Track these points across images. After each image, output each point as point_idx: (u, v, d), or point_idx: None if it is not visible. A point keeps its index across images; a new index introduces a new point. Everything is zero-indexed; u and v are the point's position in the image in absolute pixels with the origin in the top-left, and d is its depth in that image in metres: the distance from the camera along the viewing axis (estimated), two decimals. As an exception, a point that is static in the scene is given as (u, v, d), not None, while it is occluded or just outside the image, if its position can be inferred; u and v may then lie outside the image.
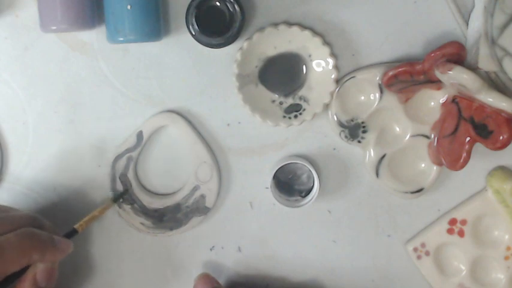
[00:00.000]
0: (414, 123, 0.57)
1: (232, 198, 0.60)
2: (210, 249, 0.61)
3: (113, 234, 0.60)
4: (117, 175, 0.59)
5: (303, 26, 0.56)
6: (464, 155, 0.54)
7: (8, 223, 0.51)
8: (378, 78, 0.56)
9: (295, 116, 0.57)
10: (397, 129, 0.58)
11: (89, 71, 0.58)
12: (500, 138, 0.52)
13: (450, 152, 0.55)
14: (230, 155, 0.59)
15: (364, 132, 0.58)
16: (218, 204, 0.60)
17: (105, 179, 0.59)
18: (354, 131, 0.58)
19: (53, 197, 0.60)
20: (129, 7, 0.53)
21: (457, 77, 0.52)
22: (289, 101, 0.58)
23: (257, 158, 0.59)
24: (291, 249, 0.60)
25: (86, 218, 0.57)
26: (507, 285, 0.59)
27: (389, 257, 0.61)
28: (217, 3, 0.54)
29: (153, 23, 0.54)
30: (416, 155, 0.58)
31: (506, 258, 0.59)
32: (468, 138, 0.54)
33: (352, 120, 0.58)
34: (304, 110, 0.57)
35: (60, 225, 0.60)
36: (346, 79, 0.57)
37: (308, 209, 0.58)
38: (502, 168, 0.59)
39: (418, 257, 0.60)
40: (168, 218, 0.59)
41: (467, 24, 0.56)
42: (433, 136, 0.57)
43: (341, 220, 0.60)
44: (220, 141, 0.59)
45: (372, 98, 0.57)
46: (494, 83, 0.56)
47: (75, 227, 0.56)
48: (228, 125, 0.59)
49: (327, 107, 0.57)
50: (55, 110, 0.59)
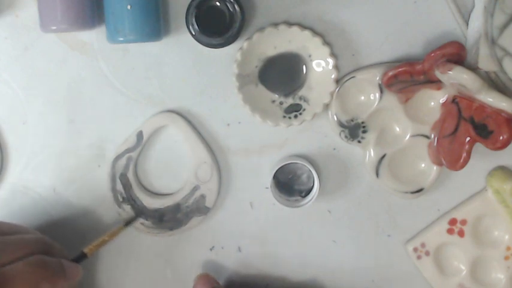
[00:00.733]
0: (414, 123, 0.57)
1: (232, 198, 0.60)
2: (210, 249, 0.61)
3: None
4: (117, 175, 0.59)
5: (303, 26, 0.56)
6: (464, 155, 0.54)
7: (18, 248, 0.50)
8: (378, 78, 0.56)
9: (295, 116, 0.57)
10: (397, 129, 0.58)
11: (89, 71, 0.58)
12: (500, 138, 0.52)
13: (450, 152, 0.55)
14: (230, 155, 0.59)
15: (364, 132, 0.58)
16: (218, 204, 0.60)
17: (105, 179, 0.59)
18: (354, 131, 0.58)
19: (52, 197, 0.60)
20: (129, 7, 0.53)
21: (457, 77, 0.52)
22: (289, 101, 0.58)
23: (257, 158, 0.59)
24: (291, 249, 0.60)
25: (95, 242, 0.57)
26: (507, 285, 0.59)
27: (389, 257, 0.61)
28: (217, 3, 0.54)
29: (153, 23, 0.54)
30: (416, 155, 0.58)
31: (506, 258, 0.59)
32: (468, 138, 0.54)
33: (352, 120, 0.58)
34: (304, 110, 0.57)
35: (60, 225, 0.60)
36: (346, 79, 0.57)
37: (308, 209, 0.58)
38: (502, 168, 0.59)
39: (418, 257, 0.60)
40: (168, 218, 0.59)
41: (467, 24, 0.56)
42: (433, 136, 0.57)
43: (341, 220, 0.60)
44: (220, 141, 0.59)
45: (372, 98, 0.57)
46: (494, 83, 0.56)
47: (85, 251, 0.56)
48: (228, 125, 0.59)
49: (327, 107, 0.57)
50: (55, 110, 0.59)
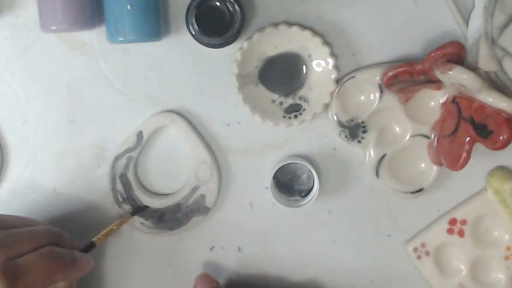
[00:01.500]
0: (414, 123, 0.57)
1: (232, 198, 0.60)
2: (210, 249, 0.61)
3: (112, 234, 0.60)
4: (117, 175, 0.59)
5: (303, 26, 0.56)
6: (464, 155, 0.54)
7: (30, 240, 0.50)
8: (378, 78, 0.56)
9: (295, 116, 0.57)
10: (397, 129, 0.58)
11: (89, 71, 0.58)
12: (500, 138, 0.52)
13: (450, 152, 0.55)
14: (230, 155, 0.59)
15: (364, 132, 0.58)
16: (218, 204, 0.60)
17: (105, 179, 0.59)
18: (354, 131, 0.58)
19: (53, 197, 0.60)
20: (129, 7, 0.53)
21: (457, 77, 0.52)
22: (289, 101, 0.58)
23: (257, 158, 0.59)
24: (291, 249, 0.60)
25: (104, 231, 0.57)
26: (507, 285, 0.59)
27: (389, 257, 0.61)
28: (217, 3, 0.54)
29: (153, 23, 0.54)
30: (416, 155, 0.58)
31: (506, 258, 0.59)
32: (468, 138, 0.54)
33: (352, 120, 0.58)
34: (304, 110, 0.57)
35: (60, 226, 0.60)
36: (346, 79, 0.57)
37: (308, 209, 0.58)
38: (502, 168, 0.59)
39: (418, 257, 0.60)
40: (168, 218, 0.59)
41: (467, 24, 0.56)
42: (433, 136, 0.57)
43: (341, 220, 0.60)
44: (220, 141, 0.59)
45: (372, 98, 0.57)
46: (494, 83, 0.56)
47: (93, 240, 0.56)
48: (228, 125, 0.59)
49: (327, 107, 0.57)
50: (55, 110, 0.59)
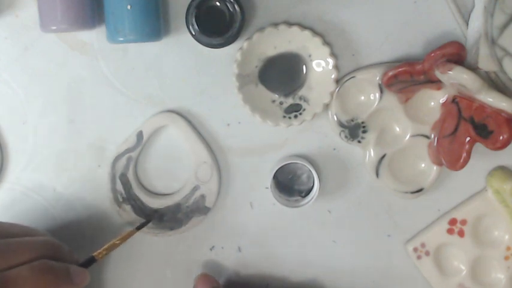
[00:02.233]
0: (414, 123, 0.57)
1: (232, 198, 0.60)
2: (210, 249, 0.61)
3: (113, 235, 0.60)
4: (117, 175, 0.59)
5: (303, 26, 0.56)
6: (464, 155, 0.54)
7: (24, 251, 0.48)
8: (378, 78, 0.56)
9: (295, 116, 0.57)
10: (397, 129, 0.58)
11: (89, 71, 0.58)
12: (500, 138, 0.52)
13: (450, 152, 0.55)
14: (230, 155, 0.59)
15: (364, 132, 0.58)
16: (218, 204, 0.60)
17: (105, 179, 0.59)
18: (354, 131, 0.58)
19: (53, 197, 0.60)
20: (129, 7, 0.53)
21: (457, 77, 0.52)
22: (289, 101, 0.58)
23: (257, 158, 0.59)
24: (291, 249, 0.60)
25: (106, 246, 0.55)
26: (507, 285, 0.59)
27: (389, 257, 0.61)
28: (217, 3, 0.54)
29: (153, 23, 0.54)
30: (416, 155, 0.58)
31: (506, 258, 0.59)
32: (468, 138, 0.54)
33: (352, 120, 0.58)
34: (304, 110, 0.57)
35: (60, 225, 0.60)
36: (346, 79, 0.57)
37: (308, 209, 0.58)
38: (502, 168, 0.59)
39: (418, 257, 0.60)
40: (168, 218, 0.59)
41: (467, 24, 0.56)
42: (433, 136, 0.57)
43: (341, 220, 0.60)
44: (220, 141, 0.59)
45: (372, 98, 0.57)
46: (494, 83, 0.56)
47: (94, 255, 0.54)
48: (228, 125, 0.59)
49: (327, 107, 0.57)
50: (55, 110, 0.59)
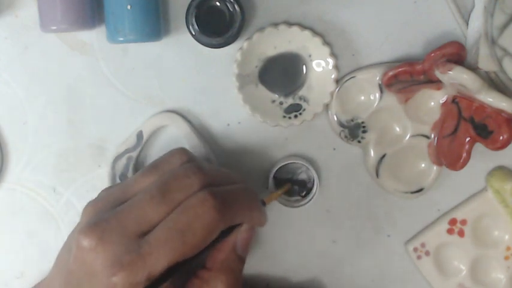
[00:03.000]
0: (414, 123, 0.57)
1: (232, 198, 0.60)
2: (210, 249, 0.61)
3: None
4: (117, 175, 0.59)
5: (303, 26, 0.56)
6: (464, 155, 0.54)
7: (226, 176, 0.48)
8: (378, 78, 0.56)
9: (295, 116, 0.57)
10: (397, 129, 0.58)
11: (89, 71, 0.58)
12: (500, 138, 0.52)
13: (450, 152, 0.55)
14: (230, 155, 0.59)
15: (364, 132, 0.58)
16: (218, 204, 0.60)
17: (105, 179, 0.59)
18: (354, 131, 0.58)
19: (53, 197, 0.60)
20: (129, 7, 0.53)
21: (457, 77, 0.52)
22: (289, 101, 0.58)
23: (257, 158, 0.59)
24: (291, 249, 0.60)
25: (272, 195, 0.55)
26: (507, 285, 0.59)
27: (389, 257, 0.61)
28: (217, 3, 0.54)
29: (153, 23, 0.54)
30: (416, 155, 0.58)
31: (506, 258, 0.59)
32: (468, 138, 0.54)
33: (352, 120, 0.58)
34: (304, 110, 0.57)
35: (60, 226, 0.60)
36: (346, 79, 0.57)
37: (308, 209, 0.58)
38: (502, 168, 0.59)
39: (418, 257, 0.60)
40: (168, 218, 0.59)
41: (467, 24, 0.56)
42: (433, 136, 0.57)
43: (341, 220, 0.60)
44: (220, 141, 0.59)
45: (372, 98, 0.57)
46: (494, 83, 0.56)
47: (264, 199, 0.53)
48: (228, 125, 0.59)
49: (327, 107, 0.57)
50: (55, 110, 0.59)
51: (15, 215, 0.60)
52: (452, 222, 0.59)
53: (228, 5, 0.54)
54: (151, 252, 0.42)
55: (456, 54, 0.53)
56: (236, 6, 0.54)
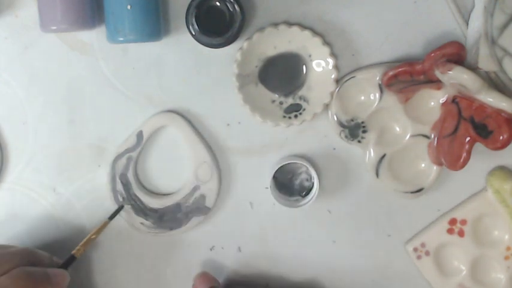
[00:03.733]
0: (414, 123, 0.57)
1: (232, 198, 0.60)
2: (210, 249, 0.61)
3: (113, 235, 0.60)
4: (117, 175, 0.59)
5: (303, 26, 0.56)
6: (464, 155, 0.54)
7: (2, 263, 0.50)
8: (378, 78, 0.56)
9: (295, 116, 0.57)
10: (397, 129, 0.58)
11: (89, 71, 0.58)
12: (500, 138, 0.52)
13: (450, 152, 0.55)
14: (230, 155, 0.59)
15: (364, 132, 0.58)
16: (218, 204, 0.60)
17: (105, 179, 0.59)
18: (354, 131, 0.58)
19: (53, 197, 0.60)
20: (129, 7, 0.53)
21: (457, 77, 0.52)
22: (289, 101, 0.58)
23: (257, 158, 0.59)
24: (291, 249, 0.60)
25: (82, 242, 0.56)
26: (507, 285, 0.59)
27: (389, 257, 0.61)
28: (217, 3, 0.54)
29: (153, 23, 0.54)
30: (416, 155, 0.58)
31: (506, 258, 0.59)
32: (468, 138, 0.54)
33: (352, 120, 0.58)
34: (304, 110, 0.57)
35: (60, 225, 0.60)
36: (346, 79, 0.57)
37: (308, 209, 0.58)
38: (502, 168, 0.59)
39: (418, 257, 0.60)
40: (168, 218, 0.59)
41: (467, 24, 0.56)
42: (433, 136, 0.57)
43: (341, 220, 0.60)
44: (220, 141, 0.59)
45: (372, 98, 0.57)
46: (494, 83, 0.56)
47: (73, 253, 0.55)
48: (228, 125, 0.59)
49: (327, 107, 0.57)
50: (55, 110, 0.59)
51: (15, 214, 0.60)
52: (452, 222, 0.59)
53: (228, 5, 0.54)
54: None
55: (456, 54, 0.53)
56: (236, 6, 0.54)
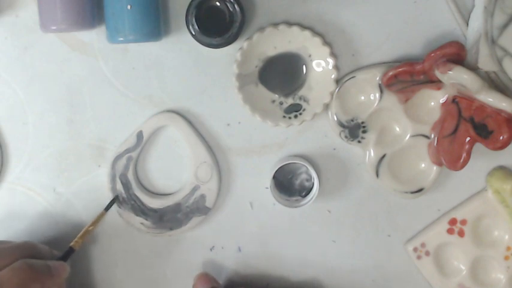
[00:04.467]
0: (414, 123, 0.57)
1: (232, 198, 0.60)
2: (210, 249, 0.61)
3: (113, 235, 0.60)
4: (117, 175, 0.59)
5: (303, 26, 0.56)
6: (464, 155, 0.54)
7: (3, 256, 0.51)
8: (378, 78, 0.56)
9: (295, 116, 0.57)
10: (397, 129, 0.58)
11: (89, 71, 0.58)
12: (500, 138, 0.52)
13: (450, 152, 0.55)
14: (230, 155, 0.59)
15: (364, 132, 0.58)
16: (218, 204, 0.60)
17: (105, 179, 0.59)
18: (354, 131, 0.58)
19: (53, 197, 0.60)
20: (129, 7, 0.53)
21: (457, 77, 0.52)
22: (289, 101, 0.58)
23: (257, 158, 0.59)
24: (291, 249, 0.60)
25: (80, 234, 0.57)
26: (507, 285, 0.59)
27: (389, 257, 0.61)
28: (217, 3, 0.54)
29: (153, 23, 0.54)
30: (416, 155, 0.58)
31: (506, 258, 0.59)
32: (468, 138, 0.54)
33: (352, 120, 0.58)
34: (304, 110, 0.57)
35: (60, 225, 0.60)
36: (346, 79, 0.57)
37: (308, 209, 0.58)
38: (502, 168, 0.59)
39: (418, 257, 0.60)
40: (168, 218, 0.59)
41: (467, 24, 0.56)
42: (433, 136, 0.57)
43: (341, 220, 0.60)
44: (220, 141, 0.59)
45: (372, 98, 0.57)
46: (494, 83, 0.56)
47: (71, 245, 0.56)
48: (228, 125, 0.59)
49: (327, 107, 0.57)
50: (55, 110, 0.59)
51: (15, 214, 0.60)
52: (452, 222, 0.59)
53: (228, 5, 0.54)
54: None
55: (456, 54, 0.53)
56: (236, 6, 0.54)
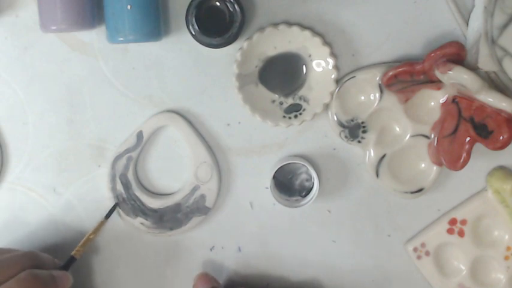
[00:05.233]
0: (414, 123, 0.57)
1: (232, 198, 0.60)
2: (210, 249, 0.61)
3: (113, 234, 0.60)
4: (117, 175, 0.59)
5: (303, 26, 0.56)
6: (464, 155, 0.54)
7: (8, 267, 0.51)
8: (378, 78, 0.56)
9: (295, 116, 0.57)
10: (397, 129, 0.58)
11: (89, 71, 0.58)
12: (500, 138, 0.52)
13: (450, 152, 0.55)
14: (230, 155, 0.59)
15: (364, 132, 0.58)
16: (218, 204, 0.60)
17: (105, 179, 0.59)
18: (354, 131, 0.58)
19: (53, 197, 0.60)
20: (129, 7, 0.53)
21: (457, 77, 0.52)
22: (289, 101, 0.58)
23: (257, 158, 0.59)
24: (291, 249, 0.60)
25: (81, 243, 0.57)
26: (507, 285, 0.59)
27: (389, 257, 0.61)
28: (217, 3, 0.54)
29: (153, 23, 0.54)
30: (416, 155, 0.58)
31: (506, 258, 0.59)
32: (468, 138, 0.54)
33: (352, 120, 0.58)
34: (304, 110, 0.58)
35: (60, 225, 0.60)
36: (346, 79, 0.57)
37: (308, 209, 0.58)
38: (502, 168, 0.59)
39: (418, 257, 0.60)
40: (168, 218, 0.59)
41: (467, 24, 0.56)
42: (433, 136, 0.57)
43: (341, 220, 0.60)
44: (220, 141, 0.59)
45: (372, 98, 0.57)
46: (494, 83, 0.56)
47: (73, 254, 0.56)
48: (228, 125, 0.59)
49: (327, 107, 0.57)
50: (55, 110, 0.59)
51: (15, 214, 0.60)
52: (452, 222, 0.59)
53: (228, 5, 0.54)
54: None
55: (456, 54, 0.53)
56: (236, 6, 0.54)
